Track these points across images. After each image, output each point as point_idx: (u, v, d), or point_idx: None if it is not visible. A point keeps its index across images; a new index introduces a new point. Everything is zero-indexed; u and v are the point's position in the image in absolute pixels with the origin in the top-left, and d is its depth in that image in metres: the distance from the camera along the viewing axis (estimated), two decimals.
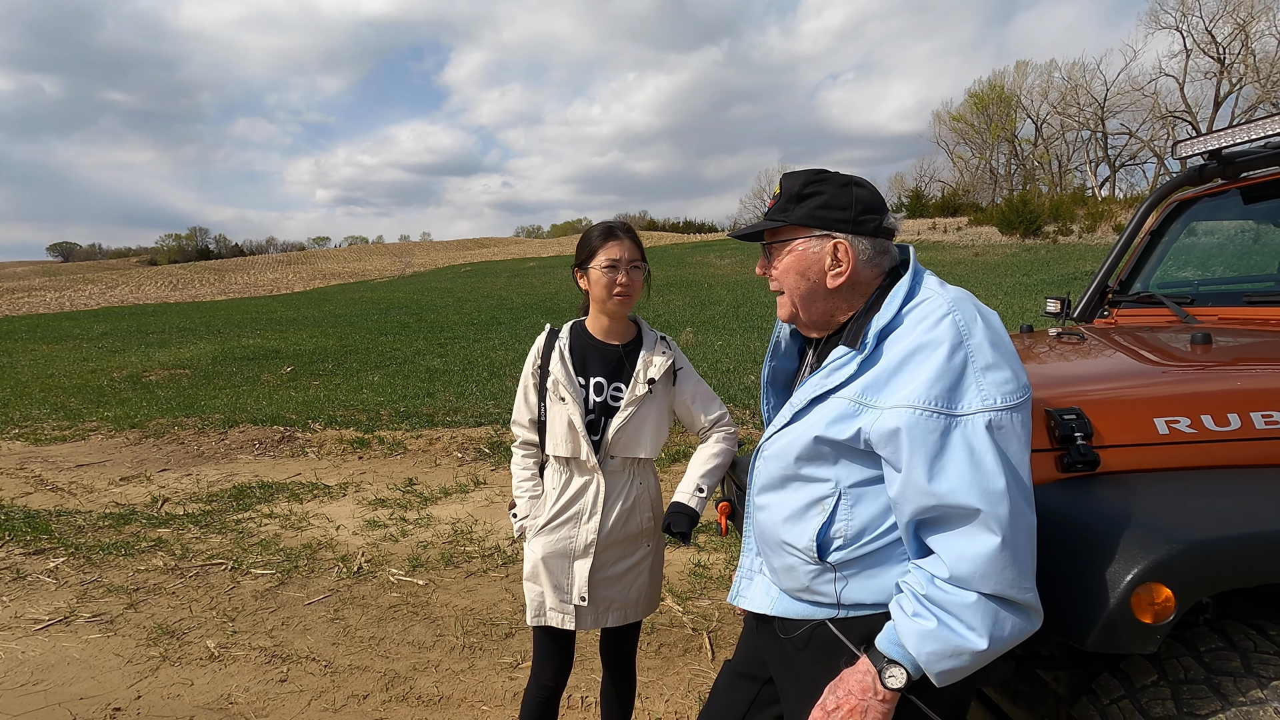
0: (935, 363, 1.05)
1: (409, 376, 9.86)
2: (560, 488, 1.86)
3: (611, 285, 1.78)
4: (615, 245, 1.78)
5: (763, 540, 1.29)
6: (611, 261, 1.77)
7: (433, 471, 5.81)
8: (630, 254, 1.79)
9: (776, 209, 1.25)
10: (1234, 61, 40.60)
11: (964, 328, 1.07)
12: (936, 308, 1.10)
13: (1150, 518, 1.15)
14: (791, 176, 1.26)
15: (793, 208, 1.23)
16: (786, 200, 1.24)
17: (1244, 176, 2.53)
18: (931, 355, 1.06)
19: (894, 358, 1.10)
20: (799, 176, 1.25)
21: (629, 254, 1.79)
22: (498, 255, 53.29)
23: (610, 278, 1.77)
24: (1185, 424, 1.35)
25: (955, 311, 1.09)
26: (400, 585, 3.66)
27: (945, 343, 1.06)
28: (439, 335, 14.29)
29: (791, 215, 1.23)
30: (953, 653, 1.01)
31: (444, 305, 21.78)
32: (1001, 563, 0.99)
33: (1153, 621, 1.07)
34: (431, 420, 7.19)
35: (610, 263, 1.78)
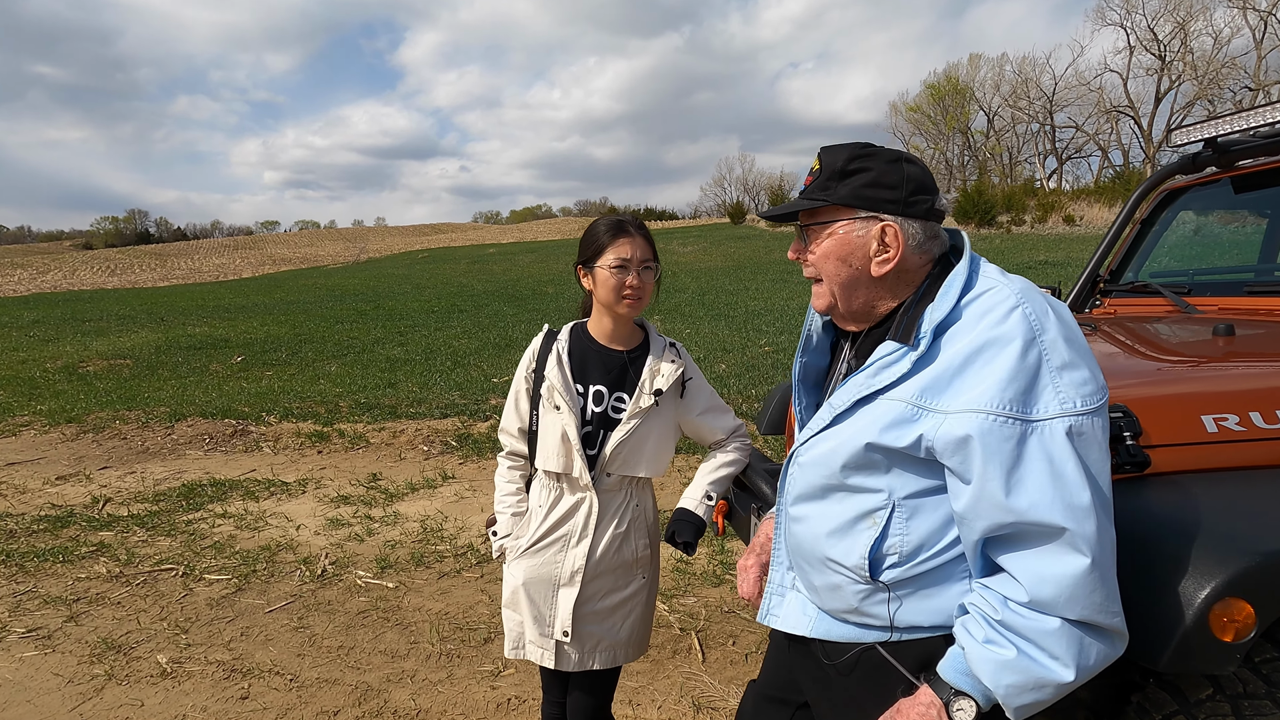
0: (1007, 362, 0.94)
1: (368, 366, 9.51)
2: (548, 505, 1.69)
3: (620, 288, 1.60)
4: (625, 243, 1.61)
5: (799, 555, 1.17)
6: (621, 261, 1.60)
7: (398, 466, 5.58)
8: (642, 253, 1.62)
9: (816, 186, 1.12)
10: (1174, 59, 42.16)
11: (1036, 322, 0.96)
12: (1003, 299, 0.99)
13: (1222, 525, 1.07)
14: (833, 150, 1.13)
15: (835, 185, 1.10)
16: (828, 177, 1.11)
17: (1238, 165, 2.52)
18: (1002, 353, 0.95)
19: (956, 356, 0.99)
20: (842, 150, 1.12)
21: (641, 253, 1.61)
22: (456, 241, 52.18)
23: (619, 279, 1.60)
24: (1234, 421, 1.28)
25: (1025, 304, 0.98)
26: (368, 588, 3.47)
27: (1017, 339, 0.95)
28: (398, 323, 13.86)
29: (834, 194, 1.10)
30: (1035, 685, 0.91)
31: (402, 292, 21.19)
32: (1090, 585, 0.89)
33: (1233, 640, 0.99)
34: (394, 412, 6.92)
35: (620, 262, 1.60)
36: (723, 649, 2.88)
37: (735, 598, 3.30)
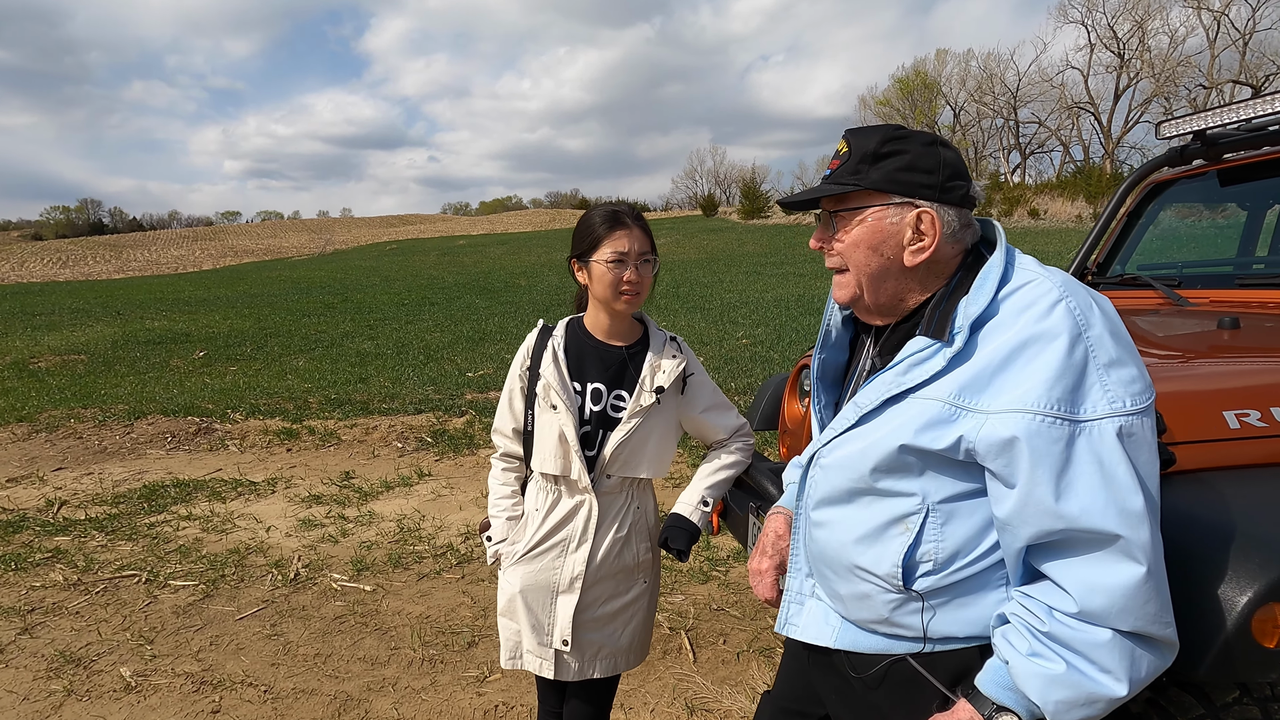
0: (1053, 359, 0.89)
1: (338, 361, 9.27)
2: (545, 509, 1.61)
3: (618, 283, 1.52)
4: (623, 235, 1.52)
5: (822, 562, 1.11)
6: (619, 255, 1.51)
7: (371, 463, 5.43)
8: (640, 245, 1.53)
9: (845, 170, 1.05)
10: (1132, 57, 43.25)
11: (1081, 317, 0.91)
12: (1044, 293, 0.93)
13: (1258, 527, 1.04)
14: (863, 132, 1.06)
15: (867, 169, 1.03)
16: (859, 160, 1.04)
17: (1224, 159, 2.53)
18: (1047, 349, 0.89)
19: (996, 352, 0.93)
20: (874, 132, 1.05)
21: (639, 245, 1.53)
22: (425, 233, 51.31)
23: (617, 275, 1.51)
24: (1256, 417, 1.25)
25: (1069, 297, 0.92)
26: (345, 592, 3.34)
27: (1062, 334, 0.89)
28: (367, 316, 13.56)
29: (866, 178, 1.03)
30: (1086, 700, 0.86)
31: (370, 284, 20.76)
32: (1144, 595, 0.85)
33: (1276, 646, 0.96)
34: (366, 408, 6.74)
35: (617, 256, 1.51)
36: (714, 648, 2.83)
37: (724, 594, 3.26)
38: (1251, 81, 37.55)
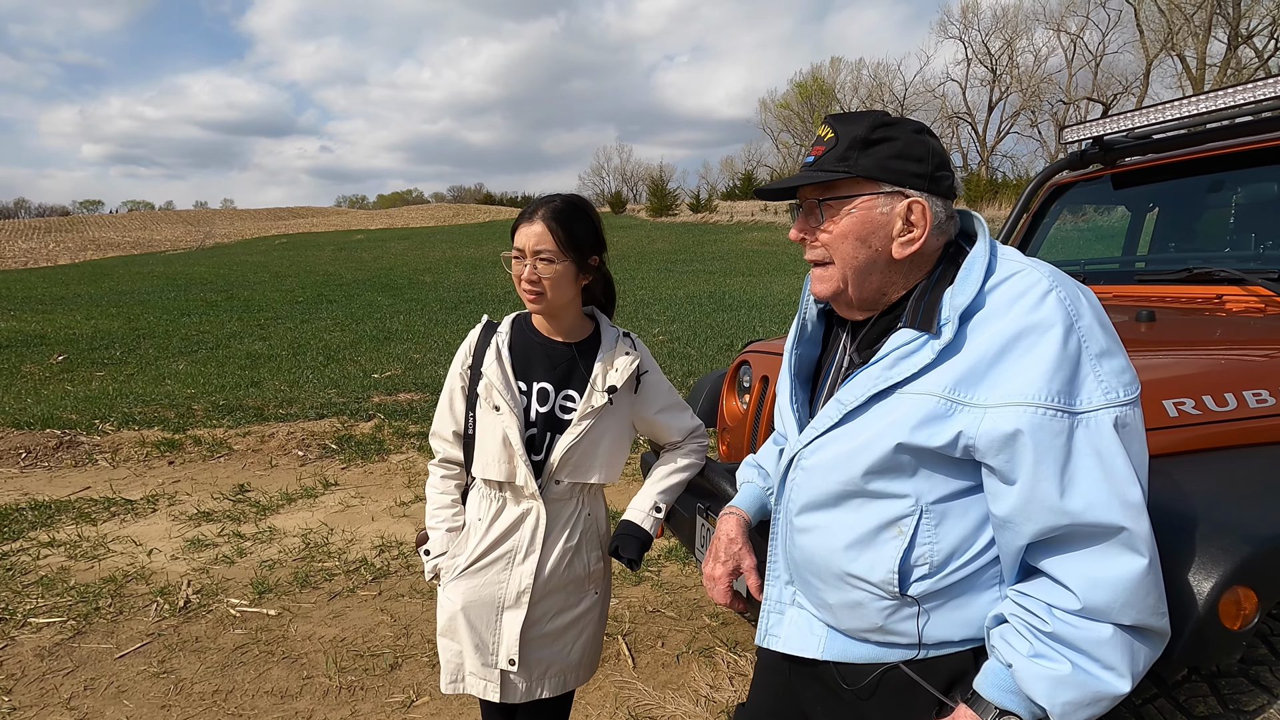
0: (1050, 350, 0.87)
1: (225, 364, 8.53)
2: (489, 519, 1.49)
3: (517, 280, 1.45)
4: (523, 229, 1.44)
5: (809, 570, 1.06)
6: (516, 250, 1.44)
7: (269, 474, 5.01)
8: (537, 241, 1.41)
9: (833, 157, 1.00)
10: (1003, 72, 47.02)
11: (1071, 307, 0.90)
12: (1034, 283, 0.92)
13: (1215, 511, 1.07)
14: (849, 118, 1.01)
15: (856, 156, 0.98)
16: (847, 146, 0.99)
17: (1119, 163, 2.72)
18: (1042, 341, 0.88)
19: (990, 344, 0.90)
20: (862, 118, 1.00)
21: (535, 242, 1.41)
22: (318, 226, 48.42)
23: (516, 271, 1.45)
24: (1190, 405, 1.32)
25: (1059, 288, 0.91)
26: (245, 619, 3.04)
27: (1057, 325, 0.88)
28: (257, 315, 12.59)
29: (857, 165, 0.98)
30: (1092, 700, 0.85)
31: (259, 281, 19.33)
32: (1146, 587, 0.85)
33: (1239, 628, 0.99)
34: (261, 414, 6.23)
35: (515, 251, 1.45)
36: (652, 651, 2.77)
37: (659, 595, 3.21)
38: (1102, 99, 41.70)
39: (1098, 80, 42.38)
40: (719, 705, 2.42)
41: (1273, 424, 1.33)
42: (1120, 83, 41.46)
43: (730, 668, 2.64)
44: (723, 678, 2.58)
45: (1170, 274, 2.27)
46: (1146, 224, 2.96)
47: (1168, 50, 36.58)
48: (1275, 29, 33.33)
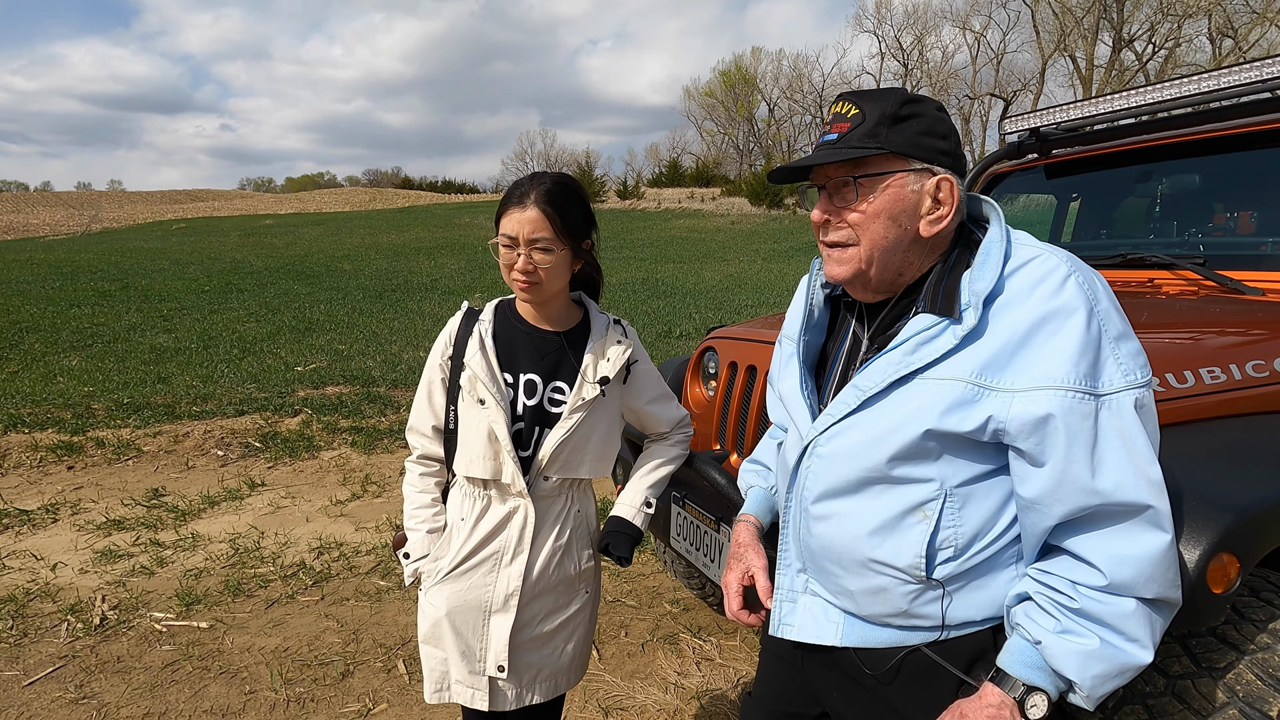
0: (1074, 334, 0.89)
1: (125, 358, 7.87)
2: (474, 519, 1.41)
3: (508, 269, 1.35)
4: (516, 214, 1.33)
5: (827, 558, 1.04)
6: (508, 238, 1.34)
7: (186, 477, 4.66)
8: (533, 229, 1.32)
9: (862, 132, 0.97)
10: (914, 67, 49.13)
11: (1090, 291, 0.92)
12: (1053, 268, 0.93)
13: (1198, 482, 1.13)
14: (874, 96, 0.98)
15: (886, 131, 0.96)
16: (877, 122, 0.96)
17: (1054, 154, 2.86)
18: (1066, 325, 0.89)
19: (1015, 329, 0.91)
20: (889, 95, 0.98)
21: (530, 229, 1.32)
22: (221, 210, 45.32)
23: (507, 260, 1.34)
24: (1156, 384, 1.38)
25: (1076, 272, 0.93)
26: (173, 633, 2.81)
27: (1080, 309, 0.90)
28: (159, 305, 11.66)
29: (890, 141, 0.96)
30: (1119, 671, 0.88)
31: (157, 269, 17.91)
32: (1167, 562, 0.88)
33: (1224, 592, 1.05)
34: (172, 412, 5.78)
35: (506, 239, 1.34)
36: (616, 642, 2.74)
37: (618, 585, 3.18)
38: (1003, 95, 44.23)
39: (999, 77, 44.92)
40: (688, 691, 2.43)
41: (1226, 399, 1.42)
42: (1019, 80, 44.12)
43: (696, 653, 2.65)
44: (689, 664, 2.59)
45: (1105, 259, 2.40)
46: (1071, 211, 3.14)
47: (1061, 51, 39.11)
48: (1153, 34, 36.21)
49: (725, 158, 61.05)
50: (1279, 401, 1.47)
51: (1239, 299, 1.94)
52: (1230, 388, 1.43)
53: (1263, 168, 2.22)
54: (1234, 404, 1.43)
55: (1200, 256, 2.17)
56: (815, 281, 1.15)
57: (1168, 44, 36.00)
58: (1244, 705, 1.12)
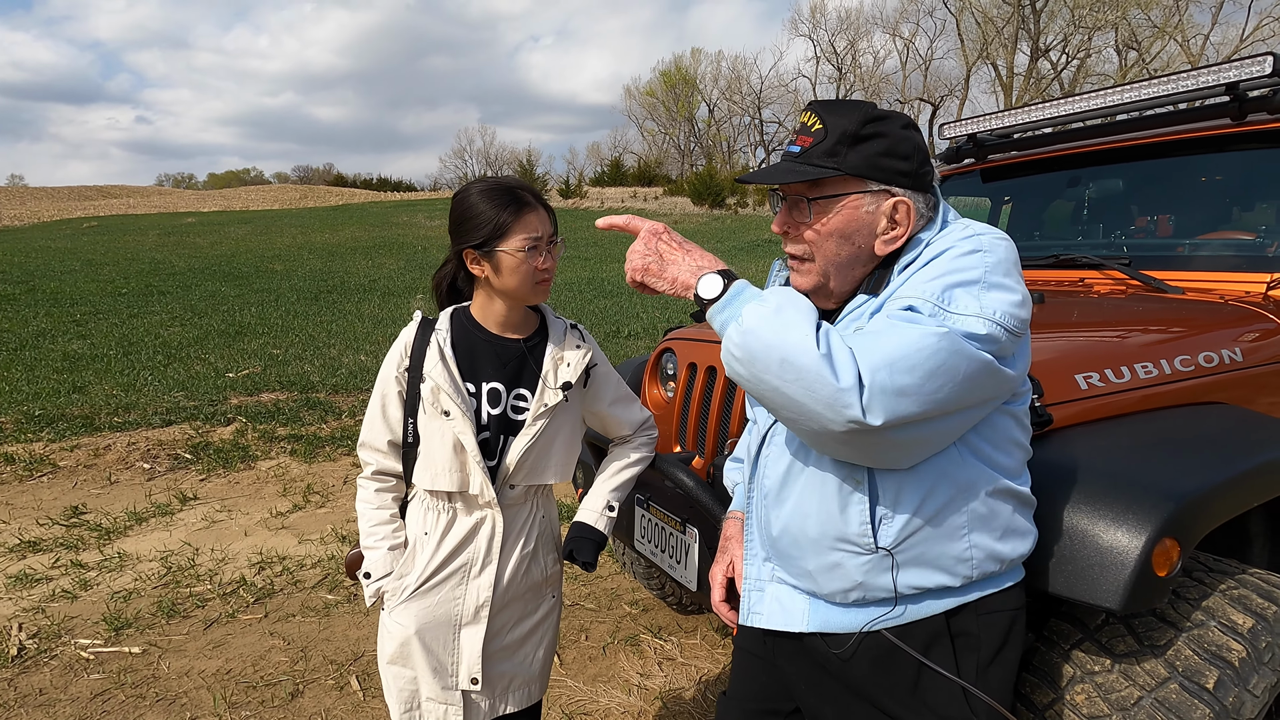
0: (944, 262, 0.95)
1: (35, 367, 7.34)
2: (440, 533, 1.38)
3: (533, 273, 1.33)
4: (532, 217, 1.32)
5: (786, 541, 1.08)
6: (532, 241, 1.31)
7: (109, 492, 4.38)
8: (549, 226, 1.36)
9: (821, 151, 0.99)
10: (847, 71, 50.62)
11: (988, 244, 0.97)
12: (963, 228, 1.01)
13: (1140, 471, 1.20)
14: (838, 109, 1.01)
15: (845, 151, 0.99)
16: (836, 140, 0.99)
17: (990, 159, 2.99)
18: (942, 256, 0.96)
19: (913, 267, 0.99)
20: (851, 111, 1.00)
21: (549, 227, 1.36)
22: (136, 208, 42.73)
23: (531, 263, 1.32)
24: (1096, 379, 1.47)
25: (985, 234, 0.99)
26: (102, 660, 2.64)
27: (956, 248, 0.96)
28: (71, 310, 10.92)
29: (846, 162, 0.99)
30: (770, 313, 0.88)
31: (67, 270, 16.75)
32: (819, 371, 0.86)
33: (1167, 575, 1.12)
34: (91, 424, 5.43)
35: (531, 243, 1.31)
36: (577, 646, 2.72)
37: (576, 588, 3.16)
38: (931, 100, 46.07)
39: (928, 82, 46.75)
40: (652, 692, 2.43)
41: (1159, 392, 1.52)
42: (946, 85, 46.04)
43: (658, 653, 2.66)
44: (651, 664, 2.59)
45: (1039, 259, 2.53)
46: (1003, 214, 3.29)
47: (983, 58, 41.01)
48: (1066, 45, 38.39)
49: (667, 157, 61.45)
50: (1205, 393, 1.59)
51: (1162, 297, 2.07)
52: (1161, 381, 1.53)
53: (1179, 174, 2.38)
54: (1165, 397, 1.53)
55: (1126, 257, 2.31)
56: (775, 284, 1.18)
57: (1080, 55, 38.27)
58: (1183, 679, 1.20)
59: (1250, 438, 1.41)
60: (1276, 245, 2.10)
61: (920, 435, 0.90)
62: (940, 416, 0.88)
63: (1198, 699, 1.17)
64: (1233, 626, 1.23)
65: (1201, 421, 1.46)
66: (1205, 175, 2.38)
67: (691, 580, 1.74)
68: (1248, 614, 1.25)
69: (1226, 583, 1.31)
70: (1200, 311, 1.86)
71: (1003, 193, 3.14)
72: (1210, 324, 1.76)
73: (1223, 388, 1.62)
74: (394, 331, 9.31)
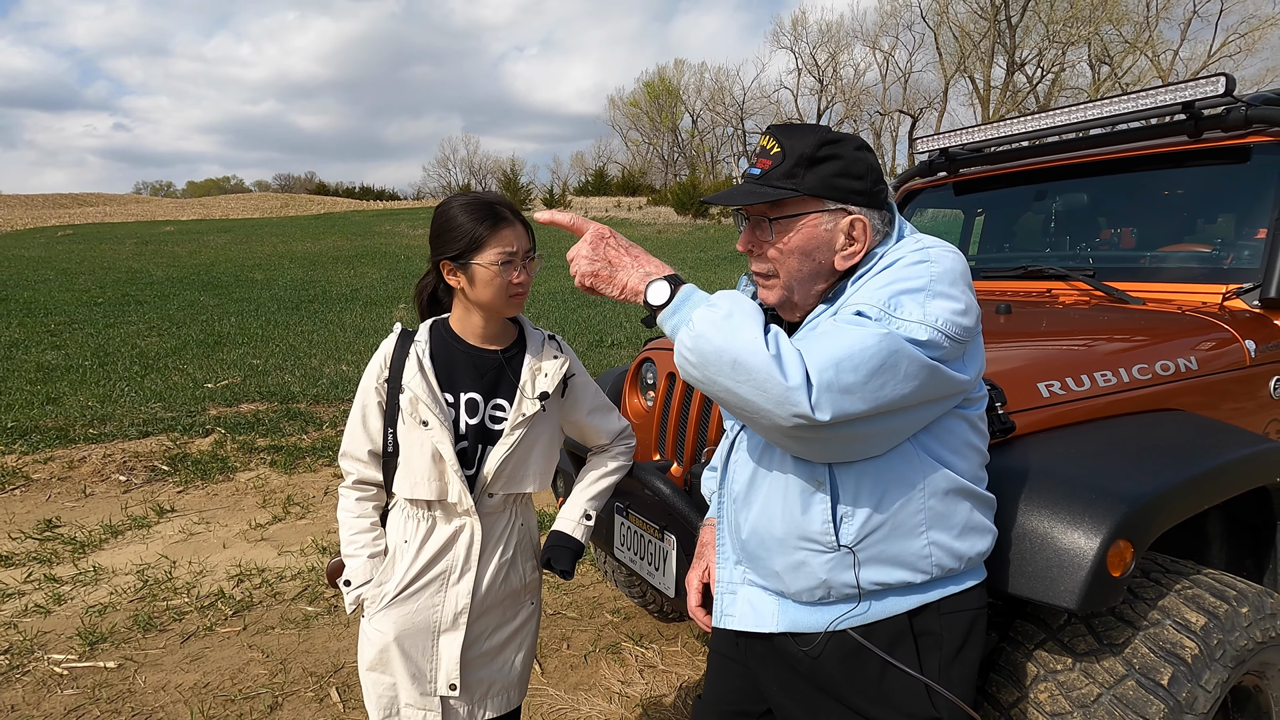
0: (893, 272, 1.00)
1: (7, 378, 7.21)
2: (419, 541, 1.41)
3: (507, 287, 1.36)
4: (508, 232, 1.35)
5: (754, 542, 1.12)
6: (507, 255, 1.35)
7: (83, 505, 4.32)
8: (524, 242, 1.38)
9: (780, 173, 1.05)
10: (828, 83, 51.26)
11: (936, 256, 1.02)
12: (915, 242, 1.07)
13: (1095, 476, 1.25)
14: (795, 133, 1.06)
15: (803, 173, 1.04)
16: (794, 163, 1.05)
17: (961, 172, 3.07)
18: (891, 268, 1.02)
19: (865, 278, 1.05)
20: (808, 134, 1.06)
21: (524, 243, 1.38)
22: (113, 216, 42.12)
23: (506, 277, 1.35)
24: (1057, 387, 1.52)
25: (934, 246, 1.05)
26: (76, 675, 2.61)
27: (909, 260, 1.01)
28: (45, 319, 10.75)
29: (803, 183, 1.05)
30: (720, 318, 0.93)
31: (41, 279, 16.48)
32: (770, 370, 0.91)
33: (1121, 575, 1.17)
34: (65, 436, 5.36)
35: (505, 257, 1.35)
36: (559, 655, 2.73)
37: (557, 598, 3.17)
38: (911, 112, 46.78)
39: (907, 94, 47.46)
40: (633, 700, 2.45)
41: (1117, 399, 1.58)
42: (925, 98, 46.75)
43: (639, 661, 2.68)
44: (633, 672, 2.61)
45: (1008, 270, 2.60)
46: (976, 226, 3.38)
47: (961, 71, 41.74)
48: (1041, 59, 39.21)
49: (650, 167, 61.75)
50: (1162, 400, 1.65)
51: (1124, 308, 2.14)
52: (1120, 389, 1.58)
53: (1141, 189, 2.47)
54: (1123, 404, 1.59)
55: (1090, 269, 2.38)
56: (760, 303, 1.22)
57: (1054, 69, 39.10)
58: (1140, 676, 1.24)
59: (1203, 443, 1.47)
60: (1232, 258, 2.18)
61: (867, 431, 0.95)
62: (886, 414, 0.93)
63: (1153, 695, 1.22)
64: (1186, 625, 1.28)
65: (1157, 428, 1.52)
66: (1166, 190, 2.46)
67: (670, 587, 1.77)
68: (1201, 612, 1.30)
69: (1181, 583, 1.36)
70: (1158, 321, 1.93)
71: (975, 205, 3.22)
72: (1168, 334, 1.82)
73: (1179, 395, 1.68)
74: (376, 341, 9.27)
